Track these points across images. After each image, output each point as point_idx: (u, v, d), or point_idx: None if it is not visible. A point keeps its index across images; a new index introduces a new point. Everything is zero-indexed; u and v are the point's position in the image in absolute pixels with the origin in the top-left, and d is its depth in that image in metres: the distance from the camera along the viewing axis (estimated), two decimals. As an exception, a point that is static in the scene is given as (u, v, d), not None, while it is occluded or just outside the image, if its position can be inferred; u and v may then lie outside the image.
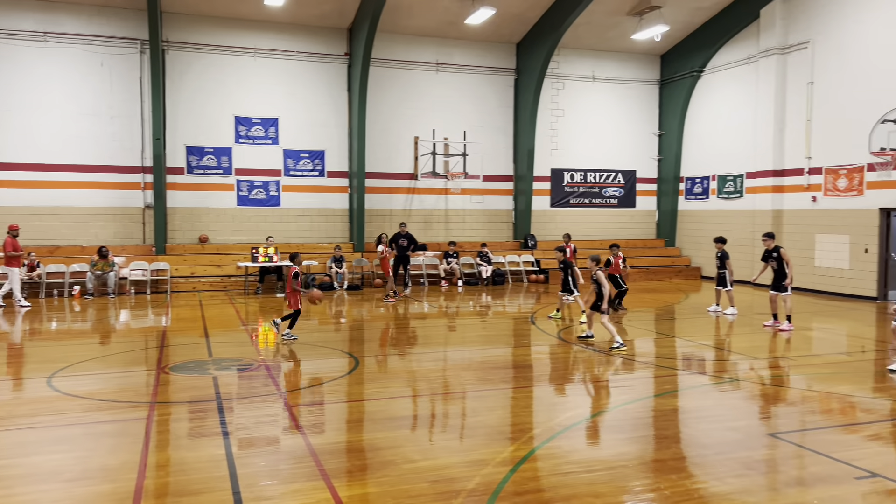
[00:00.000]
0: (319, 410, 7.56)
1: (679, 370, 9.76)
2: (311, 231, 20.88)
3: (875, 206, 16.94)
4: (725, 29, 21.20)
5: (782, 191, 19.66)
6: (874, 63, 16.82)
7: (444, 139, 21.15)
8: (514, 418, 7.40)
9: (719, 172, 22.01)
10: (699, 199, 23.00)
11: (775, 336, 12.32)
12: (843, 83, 17.68)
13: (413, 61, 21.45)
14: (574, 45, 22.52)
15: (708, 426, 7.00)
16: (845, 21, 17.63)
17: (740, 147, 21.01)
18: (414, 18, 20.43)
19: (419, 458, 5.93)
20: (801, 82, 18.89)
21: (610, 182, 23.89)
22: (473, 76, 22.14)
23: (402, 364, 10.19)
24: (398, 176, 21.52)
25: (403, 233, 18.70)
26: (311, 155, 20.78)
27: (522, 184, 22.40)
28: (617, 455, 6.04)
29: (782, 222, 19.61)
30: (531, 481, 5.45)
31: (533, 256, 21.94)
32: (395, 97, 21.34)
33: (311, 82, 20.63)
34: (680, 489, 5.30)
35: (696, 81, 22.76)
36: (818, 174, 18.49)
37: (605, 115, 23.63)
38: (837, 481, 5.51)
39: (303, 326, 13.71)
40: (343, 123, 20.95)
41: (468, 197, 22.29)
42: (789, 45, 19.25)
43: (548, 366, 10.23)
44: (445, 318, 15.06)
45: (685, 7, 20.69)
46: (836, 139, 17.87)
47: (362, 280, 20.07)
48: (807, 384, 8.75)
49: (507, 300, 17.77)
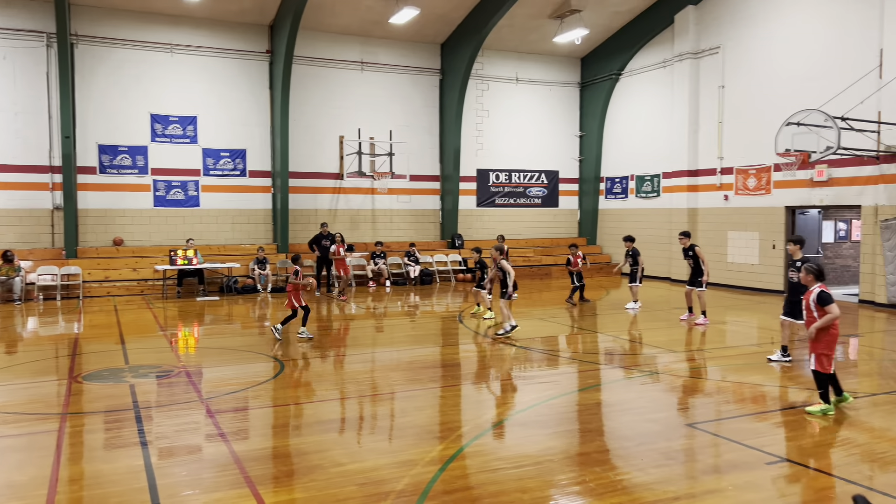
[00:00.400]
0: (243, 416, 7.37)
1: (601, 365, 10.02)
2: (233, 232, 20.35)
3: (781, 204, 17.88)
4: (642, 33, 21.91)
5: (696, 190, 20.48)
6: (779, 68, 17.74)
7: (369, 138, 21.01)
8: (443, 417, 7.42)
9: (637, 172, 22.74)
10: (619, 199, 23.69)
11: (691, 330, 12.82)
12: (752, 87, 18.57)
13: (337, 60, 21.22)
14: (497, 46, 22.79)
15: (630, 419, 7.21)
16: (753, 28, 18.52)
17: (657, 148, 21.77)
18: (337, 17, 20.21)
19: (347, 461, 5.87)
20: (713, 86, 19.73)
21: (534, 182, 24.31)
22: (399, 76, 22.09)
23: (329, 367, 10.06)
24: (323, 175, 21.24)
25: (326, 233, 18.50)
26: (232, 154, 20.25)
27: (449, 184, 22.51)
28: (543, 450, 6.15)
29: (697, 220, 20.43)
30: (460, 479, 5.47)
31: (460, 256, 22.08)
32: (319, 96, 21.06)
33: (231, 80, 20.10)
34: (604, 481, 5.43)
35: (615, 84, 23.43)
36: (730, 174, 19.36)
37: (529, 116, 24.03)
38: (750, 467, 5.78)
39: (226, 331, 13.36)
40: (265, 122, 20.52)
41: (395, 197, 22.23)
42: (702, 50, 20.08)
43: (475, 364, 10.31)
44: (373, 319, 14.97)
45: (604, 11, 21.26)
46: (745, 140, 18.76)
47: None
48: (721, 375, 9.14)
49: (435, 300, 17.82)
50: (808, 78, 16.75)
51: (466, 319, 14.01)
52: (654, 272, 21.45)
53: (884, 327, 13.16)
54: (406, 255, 21.10)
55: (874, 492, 5.17)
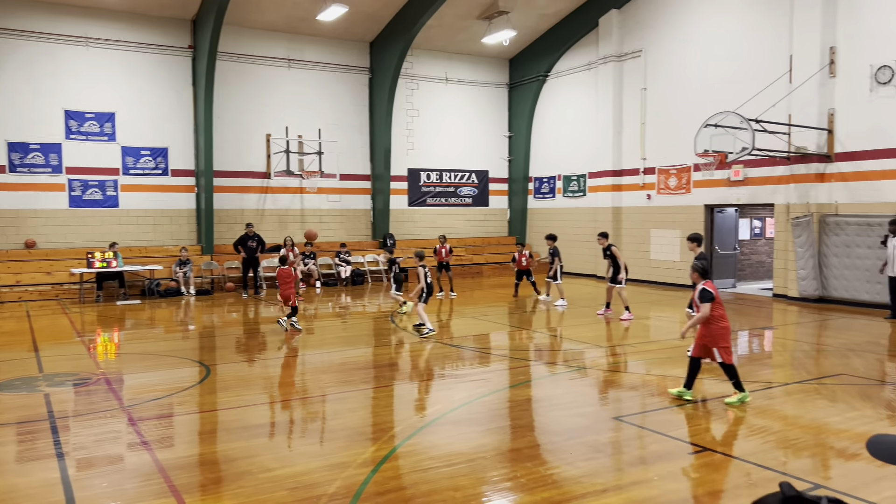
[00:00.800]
0: (168, 423, 7.13)
1: (531, 361, 10.18)
2: (155, 233, 19.66)
3: (701, 203, 18.59)
4: (568, 36, 22.37)
5: (621, 189, 21.05)
6: (698, 72, 18.44)
7: (297, 137, 20.69)
8: (376, 418, 7.38)
9: (564, 172, 23.20)
10: (547, 198, 24.12)
11: (609, 324, 13.20)
12: (672, 90, 19.24)
13: (263, 56, 20.78)
14: (427, 46, 22.83)
15: (559, 413, 7.35)
16: (673, 33, 19.18)
17: (583, 148, 22.27)
18: (263, 13, 19.80)
19: (277, 465, 5.76)
20: (636, 88, 20.33)
21: (465, 182, 24.47)
22: (327, 73, 21.83)
23: (257, 370, 9.85)
24: (250, 174, 20.77)
25: (251, 234, 18.09)
26: (154, 152, 19.55)
27: (380, 183, 22.40)
28: (476, 447, 6.19)
29: (621, 219, 21.01)
30: (393, 480, 5.45)
31: (392, 255, 21.97)
32: (245, 93, 20.58)
33: (151, 75, 19.39)
34: (535, 476, 5.51)
35: (542, 85, 23.83)
36: (652, 174, 20.00)
37: (459, 116, 24.17)
38: (674, 457, 5.98)
39: (149, 335, 12.89)
40: (188, 119, 19.90)
41: (325, 196, 21.95)
42: (625, 53, 20.66)
43: (408, 363, 10.29)
44: (303, 320, 14.74)
45: (531, 13, 21.59)
46: (666, 141, 19.41)
47: (212, 284, 19.19)
48: (645, 369, 9.42)
49: (366, 300, 17.70)
50: (725, 81, 17.47)
51: (398, 319, 13.98)
52: (580, 269, 21.95)
53: (796, 320, 13.86)
54: (337, 256, 20.88)
55: (788, 476, 5.43)
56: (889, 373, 9.36)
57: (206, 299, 17.66)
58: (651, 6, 19.76)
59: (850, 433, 6.52)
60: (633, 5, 20.33)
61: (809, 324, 13.28)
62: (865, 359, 9.92)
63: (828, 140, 15.40)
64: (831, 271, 15.48)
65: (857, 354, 10.18)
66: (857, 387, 8.29)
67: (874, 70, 14.51)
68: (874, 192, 14.68)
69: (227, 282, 19.25)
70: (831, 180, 15.48)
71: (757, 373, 9.39)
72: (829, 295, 15.52)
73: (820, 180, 15.64)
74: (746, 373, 9.38)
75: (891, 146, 14.33)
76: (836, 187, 15.41)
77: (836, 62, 15.23)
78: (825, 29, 15.26)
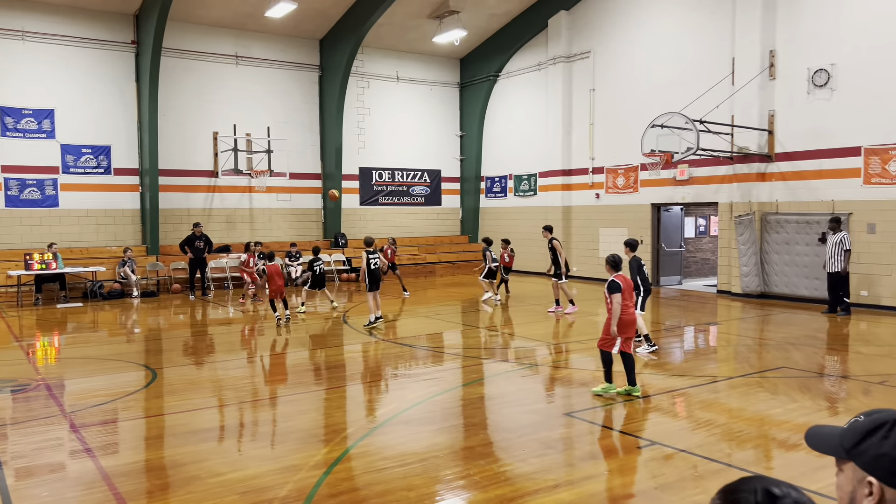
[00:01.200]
0: (112, 429, 6.93)
1: (484, 359, 10.23)
2: (98, 234, 19.05)
3: (647, 201, 18.98)
4: (518, 36, 22.55)
5: (570, 189, 21.34)
6: (645, 73, 18.81)
7: (246, 135, 20.34)
8: (328, 419, 7.31)
9: (516, 172, 23.39)
10: (498, 197, 24.28)
11: (558, 321, 13.37)
12: (620, 90, 19.58)
13: (210, 53, 20.35)
14: (377, 44, 22.72)
15: (511, 411, 7.40)
16: (620, 34, 19.52)
17: (533, 148, 22.48)
18: (209, 8, 19.39)
19: (227, 470, 5.65)
20: (585, 89, 20.62)
21: (417, 181, 24.44)
22: (276, 71, 21.51)
23: (205, 373, 9.65)
24: (196, 173, 20.32)
25: (199, 234, 17.71)
26: (95, 150, 18.94)
27: (331, 182, 22.18)
28: (429, 446, 6.19)
29: (571, 217, 21.30)
30: (346, 482, 5.41)
31: (344, 255, 21.83)
32: (191, 90, 20.12)
33: (93, 71, 18.79)
34: (488, 473, 5.54)
35: (493, 85, 23.97)
36: (600, 173, 20.32)
37: (410, 115, 24.12)
38: (624, 452, 6.09)
39: (92, 339, 12.51)
40: (132, 116, 19.35)
41: (274, 195, 21.63)
42: (574, 54, 20.93)
43: (360, 364, 10.23)
44: (252, 322, 14.51)
45: (481, 14, 21.69)
46: (614, 141, 19.75)
47: (158, 286, 18.72)
48: (596, 365, 9.56)
49: (318, 300, 17.50)
50: (670, 83, 17.87)
51: (351, 319, 13.88)
52: (531, 268, 22.17)
53: (739, 315, 14.28)
54: (287, 256, 20.59)
55: (733, 468, 5.59)
56: (827, 365, 9.73)
57: (152, 301, 17.22)
58: (599, 8, 20.08)
59: (790, 424, 6.74)
60: (581, 7, 20.62)
61: (752, 319, 13.70)
62: (804, 352, 10.27)
63: (768, 141, 15.90)
64: (772, 268, 15.99)
65: (797, 348, 10.54)
66: (797, 379, 8.58)
67: (811, 73, 15.04)
68: (812, 191, 15.23)
69: (174, 283, 18.81)
70: (772, 179, 15.99)
71: (702, 367, 9.64)
72: (770, 291, 16.03)
73: (761, 179, 16.14)
74: (693, 367, 9.63)
75: (827, 147, 14.87)
76: (776, 186, 15.93)
77: (776, 65, 15.73)
78: (765, 33, 15.75)
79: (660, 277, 19.18)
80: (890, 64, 13.77)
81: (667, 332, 12.47)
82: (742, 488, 1.49)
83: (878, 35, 13.95)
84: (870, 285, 14.18)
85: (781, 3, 15.60)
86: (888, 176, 13.90)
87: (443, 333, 12.48)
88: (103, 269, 17.70)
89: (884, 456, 1.57)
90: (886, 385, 8.24)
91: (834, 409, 7.38)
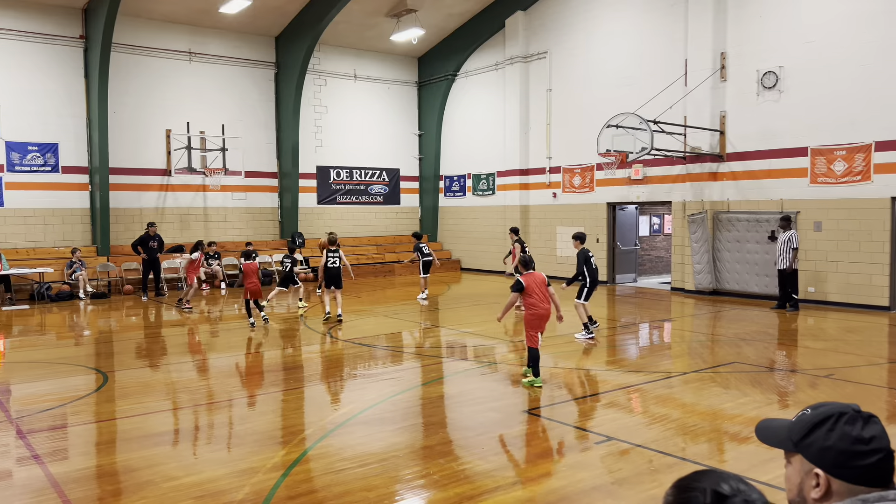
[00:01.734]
0: (61, 435, 6.72)
1: (444, 358, 10.24)
2: (45, 234, 18.47)
3: (603, 201, 19.25)
4: (476, 36, 22.62)
5: (528, 188, 21.51)
6: (600, 73, 19.06)
7: (200, 133, 19.97)
8: (286, 421, 7.23)
9: (474, 171, 23.47)
10: (457, 197, 24.33)
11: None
12: (576, 91, 19.81)
13: (162, 49, 19.91)
14: (335, 42, 22.53)
15: (471, 409, 7.43)
16: (576, 35, 19.74)
17: (492, 147, 22.59)
18: (160, 3, 18.95)
19: (182, 474, 5.54)
20: (542, 89, 20.80)
21: (375, 180, 24.32)
22: (231, 68, 21.16)
23: (159, 376, 9.44)
24: (148, 172, 19.86)
25: (153, 234, 17.33)
26: (42, 148, 18.35)
27: (288, 181, 21.93)
28: (388, 446, 6.17)
29: (529, 217, 21.47)
30: (304, 483, 5.35)
31: (301, 255, 21.58)
32: (143, 86, 19.65)
33: (39, 66, 18.19)
34: (448, 472, 5.55)
35: (451, 84, 24.00)
36: (557, 173, 20.53)
37: (368, 113, 23.98)
38: (581, 448, 6.17)
39: (39, 342, 12.13)
40: (81, 113, 18.80)
41: (229, 194, 21.27)
42: (530, 55, 21.09)
43: (319, 364, 10.14)
44: (208, 323, 14.26)
45: (439, 12, 21.70)
46: (571, 141, 19.97)
47: (109, 287, 18.25)
48: (553, 362, 9.66)
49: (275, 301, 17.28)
50: (625, 83, 18.15)
51: (309, 320, 13.75)
52: (489, 266, 22.30)
53: (693, 312, 14.58)
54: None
55: (687, 461, 5.71)
56: (776, 360, 10.00)
57: (103, 303, 16.78)
58: (555, 9, 20.27)
59: (742, 418, 6.91)
60: (538, 7, 20.79)
61: (704, 315, 14.00)
62: (755, 347, 10.55)
63: (720, 141, 16.28)
64: (724, 265, 16.37)
65: (748, 343, 10.81)
66: (748, 374, 8.81)
67: (760, 75, 15.44)
68: (762, 190, 15.64)
69: (126, 284, 18.36)
70: (723, 179, 16.37)
71: (657, 363, 9.82)
72: (722, 288, 16.41)
73: (713, 179, 16.52)
74: (648, 363, 9.79)
75: (776, 147, 15.30)
76: (727, 186, 16.32)
77: (727, 67, 16.11)
78: (716, 35, 16.11)
79: (615, 275, 19.47)
80: (834, 67, 14.23)
81: (622, 329, 12.67)
82: (693, 486, 1.52)
83: (822, 39, 14.41)
84: (816, 282, 14.64)
85: (732, 7, 15.98)
86: (833, 176, 14.37)
87: (402, 333, 12.46)
88: (51, 270, 17.17)
89: (829, 448, 1.63)
90: (833, 378, 8.52)
91: (783, 403, 7.60)
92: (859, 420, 1.63)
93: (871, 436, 1.61)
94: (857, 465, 1.60)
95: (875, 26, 13.63)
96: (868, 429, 1.62)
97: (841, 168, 14.24)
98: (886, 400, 7.76)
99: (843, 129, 14.16)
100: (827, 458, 1.64)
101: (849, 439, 1.61)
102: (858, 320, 12.82)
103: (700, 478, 1.53)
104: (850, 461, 1.60)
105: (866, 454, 1.60)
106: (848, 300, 14.22)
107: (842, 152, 14.22)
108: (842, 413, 1.66)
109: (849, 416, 1.64)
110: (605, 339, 11.49)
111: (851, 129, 14.04)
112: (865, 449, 1.60)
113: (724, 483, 1.50)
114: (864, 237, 13.95)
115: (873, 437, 1.61)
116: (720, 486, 1.49)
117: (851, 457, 1.60)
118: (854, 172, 14.06)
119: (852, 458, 1.60)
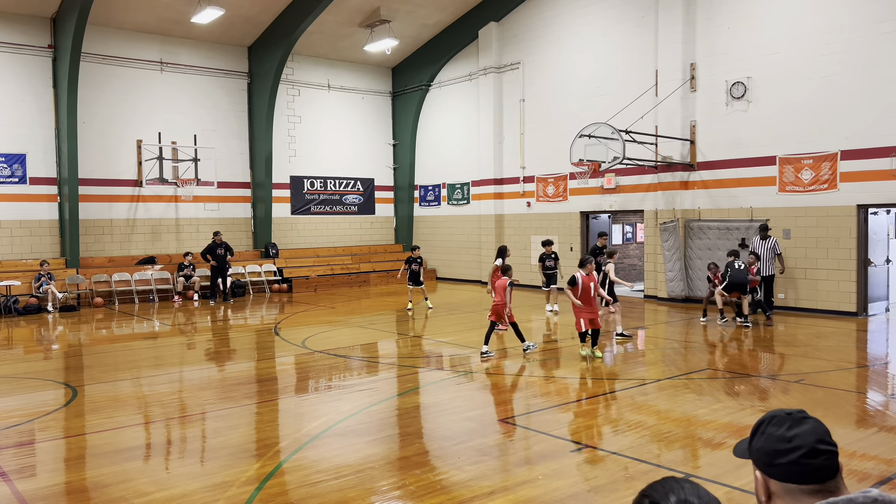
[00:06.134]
0: (29, 451, 6.58)
1: (419, 368, 10.22)
2: (12, 246, 18.10)
3: (577, 209, 19.41)
4: (449, 46, 22.72)
5: (502, 197, 21.60)
6: (572, 84, 19.25)
7: (171, 143, 19.76)
8: (260, 434, 7.15)
9: (449, 181, 23.52)
10: (432, 206, 24.35)
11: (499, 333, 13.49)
12: (549, 101, 19.97)
13: (133, 59, 19.70)
14: (308, 52, 22.48)
15: (447, 419, 7.41)
16: (549, 46, 19.93)
17: (466, 157, 22.67)
18: (132, 12, 18.77)
19: (154, 489, 5.45)
20: (515, 99, 20.95)
21: (350, 189, 24.26)
22: (203, 78, 21.00)
23: (130, 390, 9.29)
24: (119, 183, 19.59)
25: (220, 241, 18.54)
26: (9, 159, 18.01)
27: (261, 191, 21.78)
28: (364, 458, 6.13)
29: (503, 226, 21.55)
30: (279, 496, 5.30)
31: (275, 265, 21.44)
32: (114, 96, 19.41)
33: (6, 76, 17.87)
34: (424, 482, 5.53)
35: (426, 95, 24.06)
36: (531, 182, 20.66)
37: (342, 123, 23.93)
38: (557, 456, 6.18)
39: (6, 357, 11.87)
40: (49, 124, 18.50)
41: (202, 205, 21.05)
42: (504, 65, 21.24)
43: (293, 376, 10.05)
44: (180, 335, 14.07)
45: (412, 23, 21.77)
46: (544, 151, 20.11)
47: (78, 300, 17.93)
48: (528, 371, 9.69)
49: (248, 312, 17.13)
50: (597, 94, 18.35)
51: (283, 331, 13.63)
52: (464, 275, 22.33)
53: (665, 319, 14.73)
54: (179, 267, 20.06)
55: (662, 468, 5.75)
56: (749, 366, 10.14)
57: (72, 316, 16.49)
58: (528, 20, 20.45)
59: (715, 424, 6.99)
60: (511, 18, 20.96)
61: (677, 323, 14.15)
62: (728, 354, 10.68)
63: (690, 150, 16.52)
64: (696, 273, 16.57)
65: (721, 350, 10.94)
66: (720, 381, 8.91)
67: (729, 85, 15.72)
68: (732, 198, 15.89)
69: (96, 296, 18.06)
70: (694, 188, 16.60)
71: (632, 371, 9.89)
72: (694, 295, 16.59)
73: (684, 188, 16.74)
74: (622, 370, 9.86)
75: (745, 156, 15.56)
76: (698, 194, 16.55)
77: (697, 77, 16.37)
78: (686, 46, 16.38)
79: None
80: (801, 78, 14.54)
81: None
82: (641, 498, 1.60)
83: (788, 51, 14.72)
84: (786, 289, 14.88)
85: (701, 19, 16.27)
86: (801, 184, 14.65)
87: (377, 343, 12.41)
88: (18, 283, 16.84)
89: (759, 450, 1.77)
90: (803, 384, 8.65)
91: (755, 409, 7.70)
92: (787, 421, 1.74)
93: (794, 434, 1.70)
94: (779, 462, 1.70)
95: (838, 39, 13.97)
96: (794, 429, 1.71)
97: (808, 176, 14.53)
98: (854, 403, 7.90)
99: (809, 138, 14.46)
100: (758, 459, 1.76)
101: (773, 439, 1.72)
102: (827, 326, 13.05)
103: (653, 488, 1.60)
104: (774, 459, 1.71)
105: (786, 452, 1.69)
106: (816, 306, 14.46)
107: (809, 161, 14.51)
108: (773, 416, 1.77)
109: (778, 419, 1.76)
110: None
111: (818, 138, 14.34)
112: (787, 447, 1.70)
113: (672, 495, 1.56)
114: (832, 244, 14.23)
115: (795, 436, 1.70)
116: (666, 499, 1.56)
117: (774, 455, 1.71)
118: (821, 181, 14.35)
119: (775, 456, 1.71)
